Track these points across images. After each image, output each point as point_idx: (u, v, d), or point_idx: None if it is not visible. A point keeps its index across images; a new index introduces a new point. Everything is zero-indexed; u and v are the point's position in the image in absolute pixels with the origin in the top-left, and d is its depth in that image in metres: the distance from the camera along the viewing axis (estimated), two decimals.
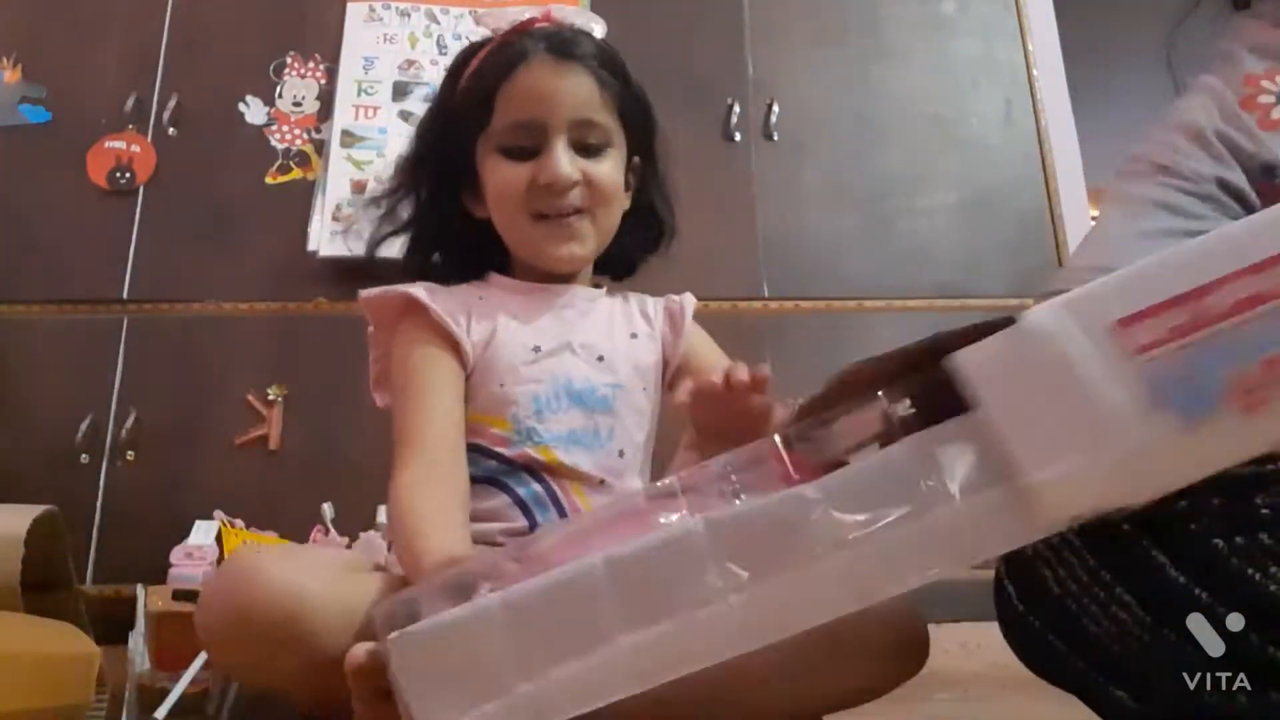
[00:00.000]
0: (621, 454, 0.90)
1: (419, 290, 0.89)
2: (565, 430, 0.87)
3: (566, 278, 0.95)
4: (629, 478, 0.91)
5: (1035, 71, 2.06)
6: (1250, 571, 0.63)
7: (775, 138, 1.97)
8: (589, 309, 0.95)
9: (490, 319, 0.90)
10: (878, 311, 1.87)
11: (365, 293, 0.92)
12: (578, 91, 0.89)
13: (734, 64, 2.02)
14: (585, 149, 0.90)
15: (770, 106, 1.98)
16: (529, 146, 0.89)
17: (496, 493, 0.85)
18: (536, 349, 0.89)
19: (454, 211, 0.95)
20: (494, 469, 0.85)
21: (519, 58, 0.89)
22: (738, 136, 1.97)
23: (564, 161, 0.88)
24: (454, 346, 0.88)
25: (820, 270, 1.90)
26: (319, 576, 0.67)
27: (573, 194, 0.89)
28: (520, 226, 0.90)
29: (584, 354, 0.90)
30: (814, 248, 1.92)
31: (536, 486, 0.85)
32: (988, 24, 2.10)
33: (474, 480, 0.84)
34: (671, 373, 0.97)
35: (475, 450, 0.86)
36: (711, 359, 0.96)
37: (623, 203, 0.95)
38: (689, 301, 1.00)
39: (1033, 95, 2.05)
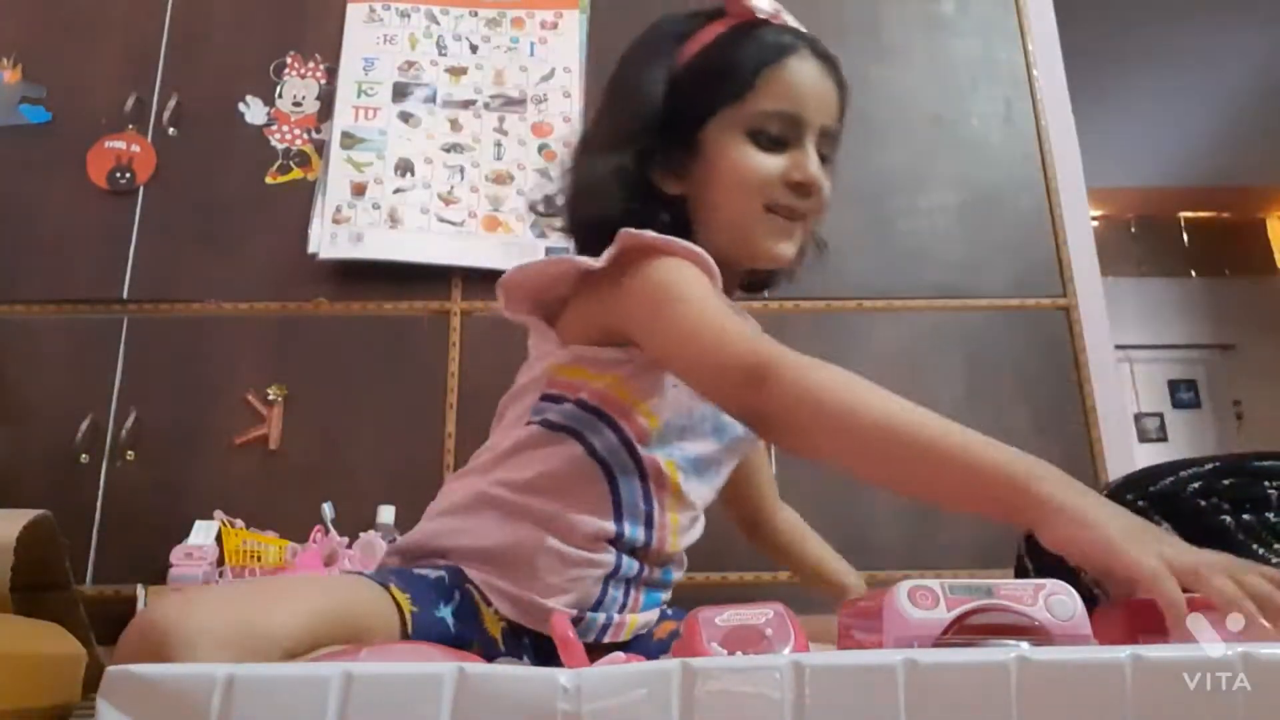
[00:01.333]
0: (718, 491, 0.90)
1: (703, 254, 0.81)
2: (696, 455, 0.85)
3: (756, 286, 0.95)
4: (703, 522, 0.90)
5: (1035, 71, 2.06)
6: (1255, 547, 0.64)
7: None
8: None
9: None
10: (878, 311, 1.87)
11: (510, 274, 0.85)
12: (834, 100, 0.88)
13: None
14: (820, 157, 0.87)
15: None
16: (780, 138, 0.85)
17: (600, 479, 0.81)
18: None
19: (640, 175, 0.86)
20: (615, 453, 0.81)
21: (789, 47, 0.86)
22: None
23: (816, 164, 0.86)
24: None
25: (820, 270, 1.89)
26: (256, 655, 0.55)
27: (812, 198, 0.86)
28: (749, 213, 0.85)
29: None
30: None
31: (640, 499, 0.82)
32: (988, 24, 2.11)
33: (588, 452, 0.81)
34: None
35: (607, 423, 0.81)
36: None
37: None
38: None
39: (1033, 95, 2.05)
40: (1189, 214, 5.13)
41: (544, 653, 0.78)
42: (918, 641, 0.48)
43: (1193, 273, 5.12)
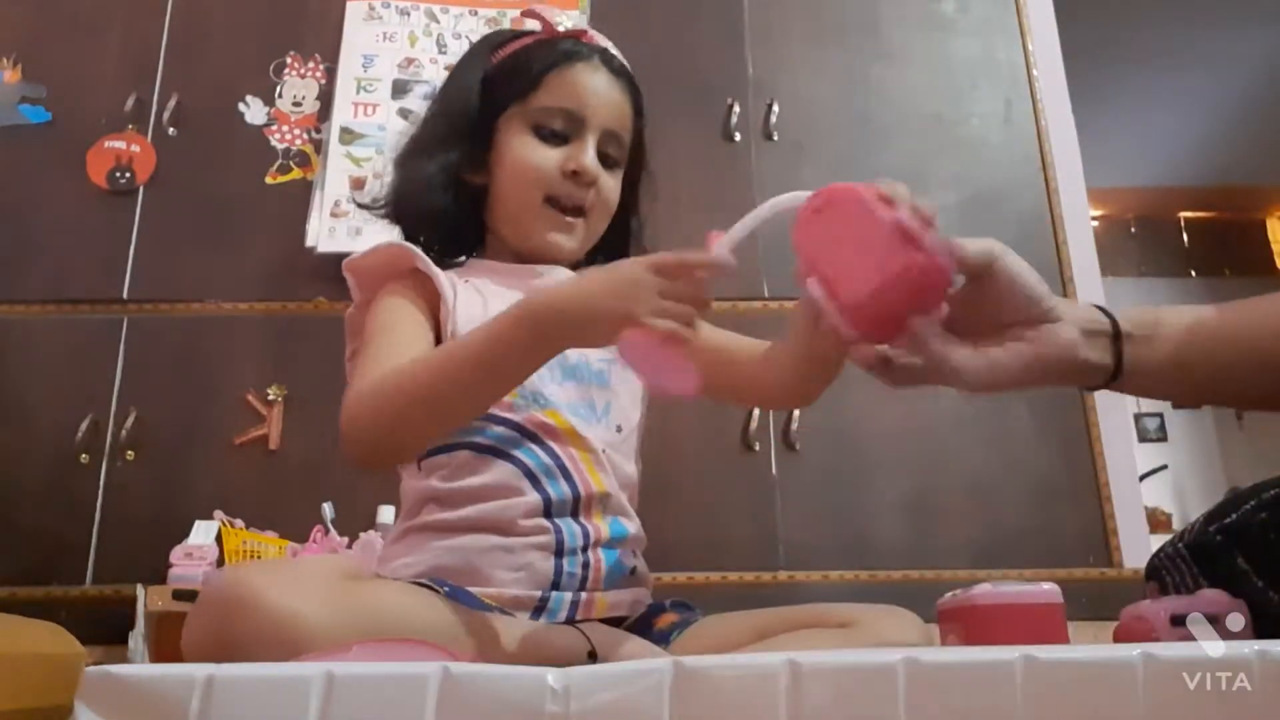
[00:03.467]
0: (619, 430, 0.90)
1: (412, 246, 0.89)
2: (566, 401, 0.87)
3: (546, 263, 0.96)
4: (626, 457, 0.91)
5: (1035, 71, 2.06)
6: None
7: (775, 138, 1.97)
8: None
9: (480, 293, 0.90)
10: None
11: (352, 258, 0.92)
12: (620, 104, 0.95)
13: (734, 64, 2.02)
14: (603, 158, 0.94)
15: (770, 106, 1.98)
16: (561, 133, 0.92)
17: (501, 463, 0.83)
18: None
19: (450, 170, 0.96)
20: (499, 436, 0.84)
21: (575, 54, 0.94)
22: (738, 136, 1.96)
23: (592, 157, 0.92)
24: (434, 311, 0.87)
25: None
26: (315, 594, 0.60)
27: (590, 190, 0.92)
28: (529, 203, 0.92)
29: None
30: None
31: (544, 455, 0.84)
32: (988, 24, 2.10)
33: (477, 450, 0.84)
34: None
35: (480, 418, 0.84)
36: (720, 336, 0.94)
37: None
38: None
39: (1033, 95, 2.04)
40: (1189, 214, 5.13)
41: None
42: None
43: (1193, 273, 5.11)
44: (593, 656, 0.73)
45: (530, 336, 0.71)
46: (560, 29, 0.98)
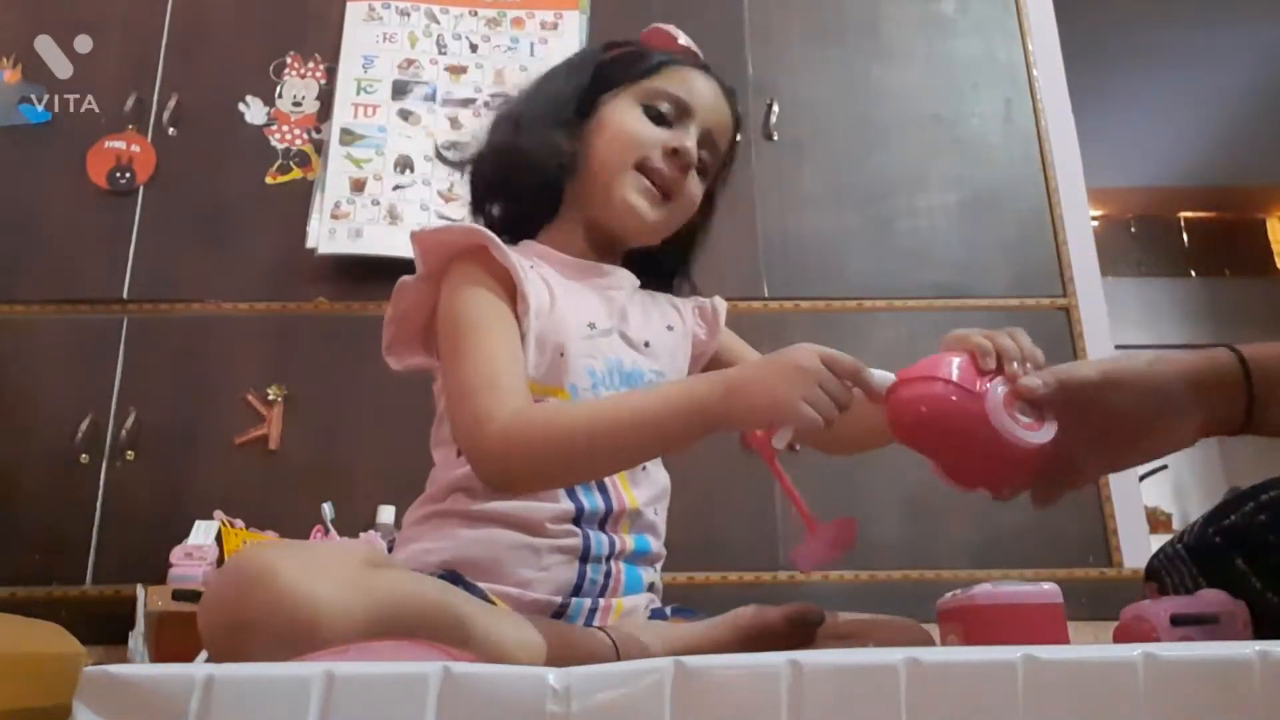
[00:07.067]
0: None
1: (488, 232, 0.86)
2: None
3: (611, 255, 0.96)
4: (660, 469, 0.92)
5: (1035, 71, 2.06)
6: None
7: (775, 138, 1.97)
8: (633, 297, 0.96)
9: (547, 285, 0.88)
10: (878, 311, 1.87)
11: (422, 230, 0.90)
12: (724, 115, 0.98)
13: (734, 64, 2.02)
14: (698, 162, 0.95)
15: (770, 106, 1.98)
16: (667, 116, 0.93)
17: None
18: (592, 325, 0.88)
19: (556, 136, 0.94)
20: None
21: (696, 63, 0.98)
22: (737, 136, 1.96)
23: (694, 143, 0.93)
24: (511, 295, 0.85)
25: (820, 270, 1.90)
26: (334, 576, 0.59)
27: (684, 175, 0.93)
28: (621, 164, 0.91)
29: (634, 337, 0.91)
30: (814, 248, 1.91)
31: None
32: (988, 24, 2.10)
33: None
34: (699, 368, 1.00)
35: None
36: (747, 355, 1.01)
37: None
38: (721, 304, 1.03)
39: (1033, 95, 2.04)
40: (1189, 214, 5.12)
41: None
42: None
43: (1193, 273, 5.11)
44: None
45: (719, 409, 0.71)
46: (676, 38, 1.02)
